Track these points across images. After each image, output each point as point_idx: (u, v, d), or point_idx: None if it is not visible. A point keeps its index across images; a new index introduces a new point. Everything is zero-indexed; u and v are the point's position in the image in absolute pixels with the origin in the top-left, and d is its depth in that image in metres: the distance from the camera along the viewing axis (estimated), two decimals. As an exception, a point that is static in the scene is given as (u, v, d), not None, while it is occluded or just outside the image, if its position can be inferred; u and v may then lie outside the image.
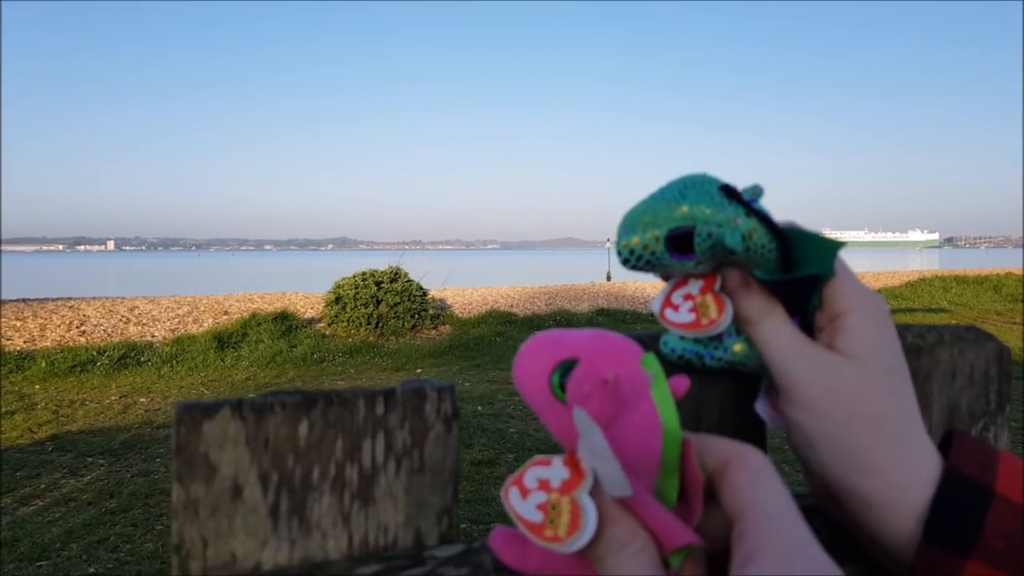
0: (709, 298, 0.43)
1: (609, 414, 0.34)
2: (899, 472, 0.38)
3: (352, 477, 0.38)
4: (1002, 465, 0.39)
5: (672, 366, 0.45)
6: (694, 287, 0.43)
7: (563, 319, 10.19)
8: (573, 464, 0.34)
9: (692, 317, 0.43)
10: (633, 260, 0.42)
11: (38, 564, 3.15)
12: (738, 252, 0.40)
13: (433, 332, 9.52)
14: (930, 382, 0.52)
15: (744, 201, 0.40)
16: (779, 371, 0.41)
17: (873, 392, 0.39)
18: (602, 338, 0.37)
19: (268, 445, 0.37)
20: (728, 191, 0.41)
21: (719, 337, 0.44)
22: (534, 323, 9.95)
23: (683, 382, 0.37)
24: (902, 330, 0.55)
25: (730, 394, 0.48)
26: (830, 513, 0.44)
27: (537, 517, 0.33)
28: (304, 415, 0.37)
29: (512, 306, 11.73)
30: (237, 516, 0.36)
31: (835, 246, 0.40)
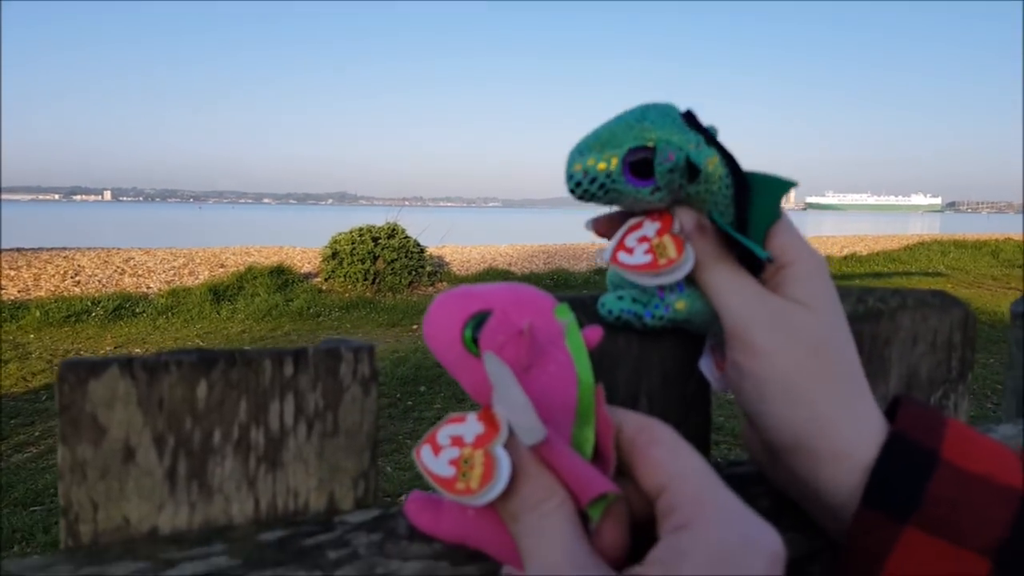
0: (667, 239, 0.40)
1: (524, 363, 0.33)
2: (850, 425, 0.37)
3: (258, 440, 0.36)
4: (950, 430, 0.37)
5: (609, 328, 0.43)
6: (650, 229, 0.41)
7: (561, 278, 10.17)
8: (488, 418, 0.33)
9: (648, 258, 0.40)
10: (586, 183, 0.39)
11: (32, 509, 3.18)
12: (701, 176, 0.38)
13: (430, 289, 9.51)
14: (889, 347, 0.50)
15: (705, 130, 0.38)
16: (736, 317, 0.39)
17: (831, 342, 0.38)
18: (515, 290, 0.36)
19: (163, 406, 0.34)
20: (690, 118, 0.39)
21: (659, 295, 0.41)
22: (531, 281, 9.91)
23: (596, 332, 0.36)
24: (864, 293, 0.52)
25: (673, 355, 0.45)
26: (771, 477, 0.42)
27: (449, 472, 0.32)
28: (202, 375, 0.35)
29: (510, 264, 11.69)
30: (130, 479, 0.34)
31: (787, 185, 0.39)
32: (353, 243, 9.39)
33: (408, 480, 3.30)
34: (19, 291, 8.48)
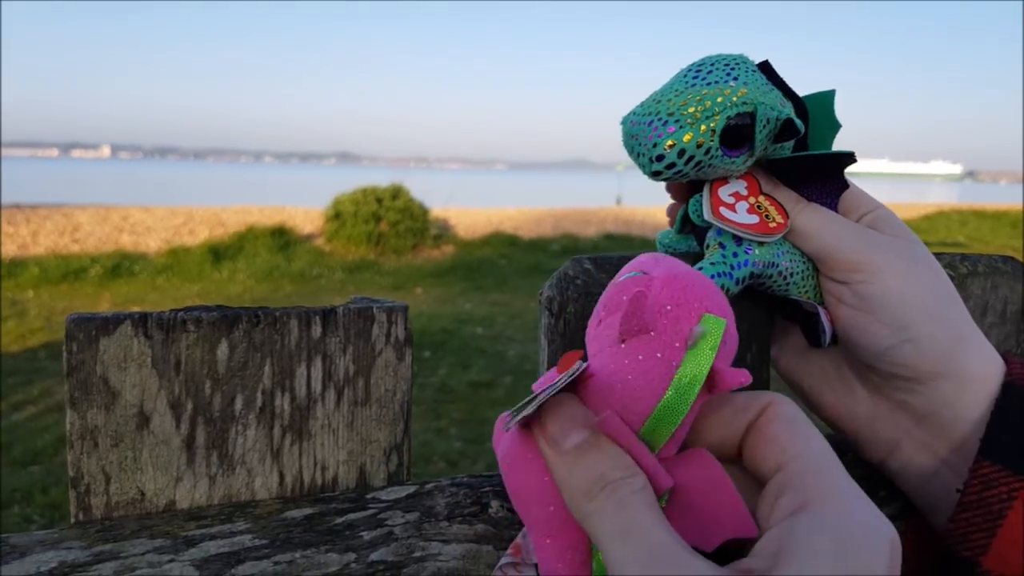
0: (764, 201, 0.38)
1: (626, 329, 0.27)
2: (985, 345, 0.37)
3: (283, 408, 0.33)
4: None
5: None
6: (739, 186, 0.38)
7: (569, 244, 10.09)
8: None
9: (755, 219, 0.37)
10: (681, 164, 0.33)
11: (30, 469, 3.18)
12: (798, 135, 0.35)
13: (435, 252, 9.45)
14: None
15: (782, 82, 0.36)
16: (852, 245, 0.37)
17: (943, 272, 0.38)
18: (685, 273, 0.29)
19: (180, 368, 0.31)
20: (767, 70, 0.36)
21: (734, 244, 0.37)
22: (538, 246, 9.83)
23: (741, 375, 0.28)
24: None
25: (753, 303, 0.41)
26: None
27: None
28: (223, 335, 0.32)
29: (517, 228, 11.56)
30: (144, 448, 0.31)
31: (829, 92, 0.39)
32: (356, 204, 9.30)
33: (414, 448, 3.29)
34: (18, 247, 8.43)
